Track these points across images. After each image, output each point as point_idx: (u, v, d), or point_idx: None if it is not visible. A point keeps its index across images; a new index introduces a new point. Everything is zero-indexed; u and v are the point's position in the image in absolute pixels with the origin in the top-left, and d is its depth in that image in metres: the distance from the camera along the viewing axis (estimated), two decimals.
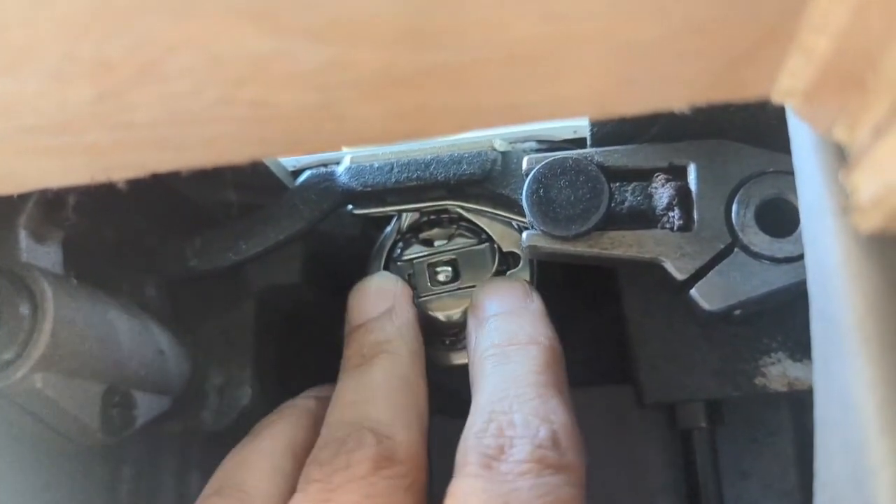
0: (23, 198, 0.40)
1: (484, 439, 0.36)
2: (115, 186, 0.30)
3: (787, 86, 0.25)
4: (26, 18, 0.21)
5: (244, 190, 0.49)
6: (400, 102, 0.25)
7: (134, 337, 0.44)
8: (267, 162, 0.47)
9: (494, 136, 0.49)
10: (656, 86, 0.25)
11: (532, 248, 0.43)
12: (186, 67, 0.22)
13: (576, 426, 0.38)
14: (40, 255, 0.41)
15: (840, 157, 0.26)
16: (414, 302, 0.49)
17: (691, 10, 0.21)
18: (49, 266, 0.41)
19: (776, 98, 0.26)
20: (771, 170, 0.41)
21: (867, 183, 0.24)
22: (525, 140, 0.49)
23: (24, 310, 0.38)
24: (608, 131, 0.44)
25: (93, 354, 0.40)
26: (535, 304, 0.45)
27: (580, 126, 0.48)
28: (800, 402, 0.56)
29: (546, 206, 0.42)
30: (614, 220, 0.43)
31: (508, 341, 0.42)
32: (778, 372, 0.47)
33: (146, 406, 0.45)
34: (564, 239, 0.42)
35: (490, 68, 0.23)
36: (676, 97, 0.26)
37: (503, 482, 0.34)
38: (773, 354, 0.48)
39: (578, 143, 0.48)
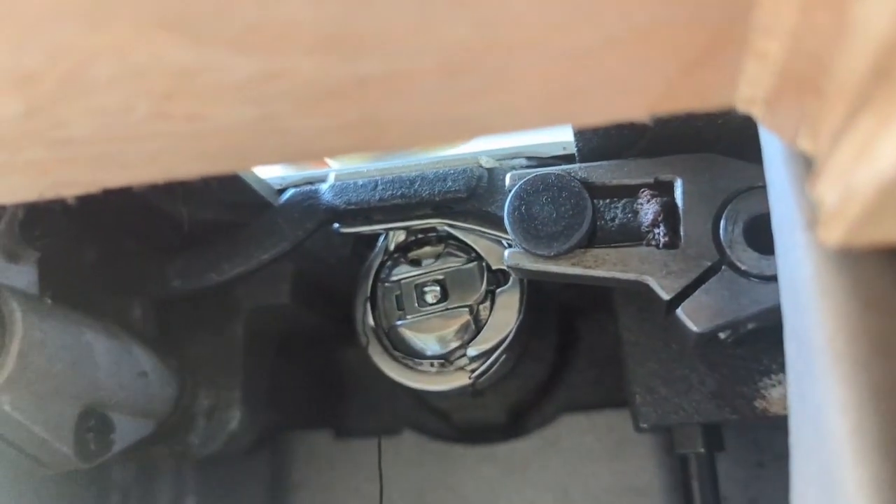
0: None
1: None
2: (94, 205, 0.30)
3: (747, 94, 0.24)
4: None
5: (228, 208, 0.48)
6: (340, 115, 0.24)
7: (113, 359, 0.43)
8: (251, 180, 0.47)
9: (481, 153, 0.47)
10: (607, 95, 0.24)
11: (514, 268, 0.42)
12: (110, 79, 0.22)
13: None
14: (13, 274, 0.40)
15: (809, 168, 0.25)
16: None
17: (626, 16, 0.20)
18: (23, 286, 0.40)
19: (740, 107, 0.25)
20: (760, 184, 0.39)
21: (829, 193, 0.22)
22: (513, 157, 0.48)
23: None
24: (594, 146, 0.43)
25: (66, 377, 0.40)
26: None
27: (570, 143, 0.47)
28: None
29: (528, 223, 0.41)
30: (605, 239, 0.41)
31: None
32: (779, 395, 0.45)
33: (126, 430, 0.44)
34: (546, 257, 0.41)
35: (424, 78, 0.22)
36: (632, 106, 0.25)
37: None
38: (773, 376, 0.46)
39: (568, 159, 0.47)
